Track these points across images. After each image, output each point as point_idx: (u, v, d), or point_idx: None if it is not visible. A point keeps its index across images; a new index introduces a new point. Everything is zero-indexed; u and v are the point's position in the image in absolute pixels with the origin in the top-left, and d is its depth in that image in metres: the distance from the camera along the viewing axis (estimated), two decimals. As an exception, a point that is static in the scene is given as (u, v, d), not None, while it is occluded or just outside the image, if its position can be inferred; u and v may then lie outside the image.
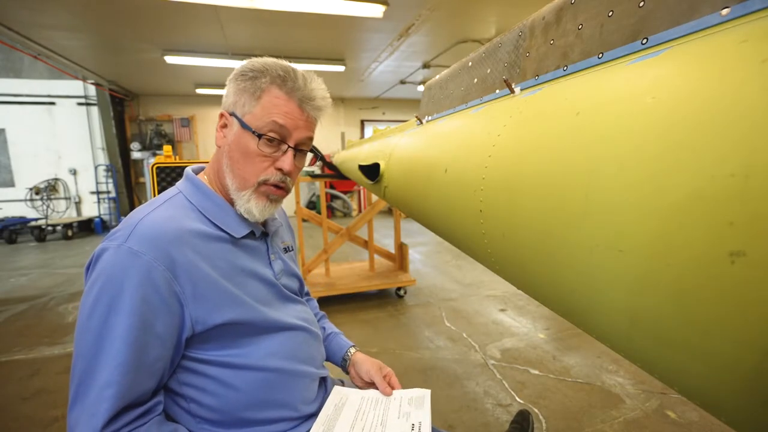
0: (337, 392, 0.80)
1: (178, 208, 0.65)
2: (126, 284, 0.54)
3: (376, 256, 3.41)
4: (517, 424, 1.45)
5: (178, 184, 0.72)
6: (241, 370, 0.65)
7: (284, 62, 0.68)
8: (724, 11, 0.36)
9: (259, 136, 0.65)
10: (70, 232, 6.23)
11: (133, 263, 0.55)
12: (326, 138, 8.07)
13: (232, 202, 0.70)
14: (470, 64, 0.93)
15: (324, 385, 0.82)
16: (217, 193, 0.71)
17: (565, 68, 0.59)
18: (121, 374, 0.53)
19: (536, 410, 1.70)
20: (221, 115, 0.69)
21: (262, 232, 0.75)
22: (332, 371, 0.87)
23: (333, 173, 2.95)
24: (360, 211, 8.01)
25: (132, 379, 0.54)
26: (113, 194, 7.06)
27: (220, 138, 0.70)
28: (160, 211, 0.62)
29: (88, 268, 0.58)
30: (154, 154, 6.82)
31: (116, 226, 0.64)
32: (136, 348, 0.54)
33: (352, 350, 0.90)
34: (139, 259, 0.55)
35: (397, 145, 1.32)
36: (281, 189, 0.70)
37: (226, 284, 0.63)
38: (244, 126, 0.66)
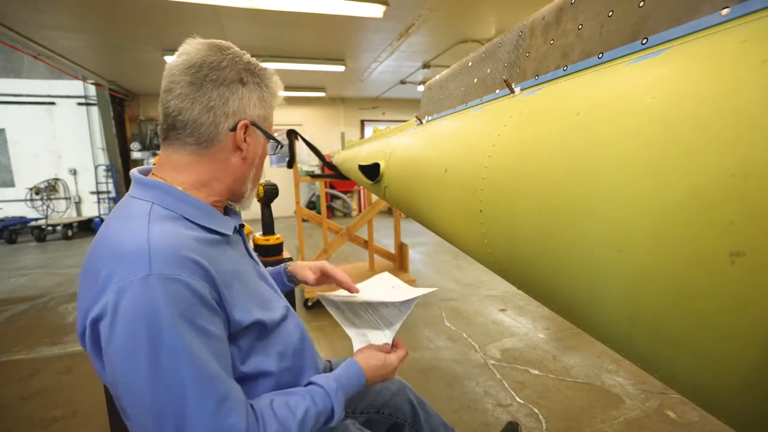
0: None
1: (167, 221, 0.58)
2: (180, 313, 0.49)
3: (376, 256, 3.41)
4: None
5: (137, 194, 0.61)
6: (258, 380, 0.64)
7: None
8: (724, 11, 0.36)
9: (282, 146, 0.71)
10: (70, 232, 6.23)
11: (173, 288, 0.49)
12: (326, 138, 8.08)
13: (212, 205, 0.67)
14: (470, 64, 0.93)
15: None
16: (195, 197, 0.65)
17: (565, 68, 0.59)
18: (226, 387, 0.52)
19: (536, 410, 1.70)
20: (246, 126, 0.64)
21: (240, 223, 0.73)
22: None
23: (333, 173, 2.95)
24: (360, 211, 8.01)
25: (231, 384, 0.53)
26: (113, 194, 7.05)
27: (246, 149, 0.66)
28: (156, 227, 0.55)
29: (97, 321, 0.49)
30: (154, 154, 6.82)
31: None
32: (219, 361, 0.53)
33: (288, 263, 0.96)
34: (178, 282, 0.50)
35: (397, 145, 1.32)
36: None
37: (240, 285, 0.63)
38: (269, 137, 0.70)
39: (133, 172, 0.65)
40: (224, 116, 0.62)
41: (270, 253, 1.80)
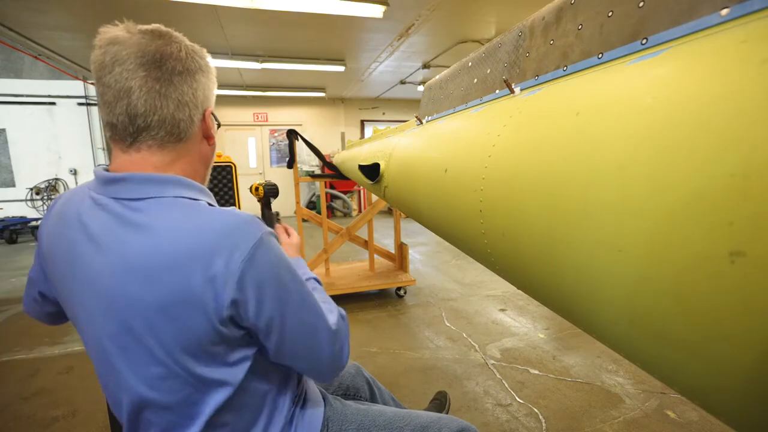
0: None
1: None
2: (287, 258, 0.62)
3: (376, 256, 3.41)
4: (437, 401, 1.54)
5: (155, 191, 0.58)
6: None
7: None
8: (724, 11, 0.36)
9: (219, 125, 0.72)
10: (70, 232, 6.23)
11: (274, 240, 0.60)
12: (326, 138, 8.08)
13: None
14: (470, 64, 0.93)
15: None
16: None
17: (565, 68, 0.59)
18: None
19: (536, 410, 1.70)
20: (209, 113, 0.66)
21: None
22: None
23: (333, 173, 2.96)
24: (360, 211, 8.01)
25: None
26: (113, 194, 7.06)
27: (213, 135, 0.68)
28: (222, 209, 0.61)
29: (238, 290, 0.54)
30: (154, 154, 6.81)
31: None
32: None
33: None
34: (272, 235, 0.60)
35: (397, 145, 1.32)
36: None
37: None
38: (216, 120, 0.70)
39: (130, 174, 0.58)
40: (196, 108, 0.62)
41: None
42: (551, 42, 0.63)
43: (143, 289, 0.54)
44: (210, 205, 0.61)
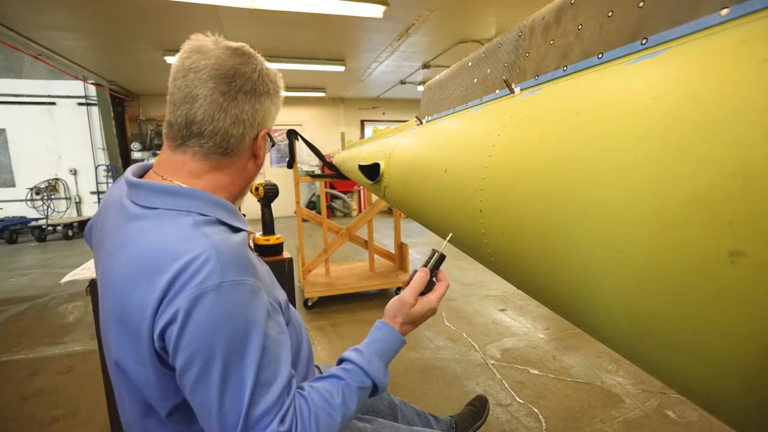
0: None
1: (212, 226, 0.57)
2: (252, 318, 0.52)
3: (376, 256, 3.41)
4: (473, 407, 1.46)
5: (167, 203, 0.58)
6: None
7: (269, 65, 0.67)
8: (724, 11, 0.36)
9: (274, 143, 0.71)
10: (70, 232, 6.22)
11: (244, 293, 0.52)
12: (326, 138, 8.08)
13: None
14: (470, 64, 0.93)
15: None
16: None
17: (565, 68, 0.59)
18: (280, 391, 0.53)
19: (536, 410, 1.70)
20: (264, 134, 0.66)
21: None
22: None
23: (333, 173, 2.95)
24: (360, 211, 8.01)
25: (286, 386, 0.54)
26: (113, 194, 7.06)
27: (261, 156, 0.68)
28: (215, 234, 0.55)
29: (167, 326, 0.50)
30: (155, 154, 6.82)
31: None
32: (281, 360, 0.55)
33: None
34: (246, 286, 0.53)
35: (397, 145, 1.32)
36: None
37: (261, 274, 0.61)
38: (272, 140, 0.71)
39: (145, 181, 0.60)
40: (251, 128, 0.63)
41: (270, 253, 1.80)
42: (551, 42, 0.63)
43: (112, 299, 0.55)
44: (221, 222, 0.59)
